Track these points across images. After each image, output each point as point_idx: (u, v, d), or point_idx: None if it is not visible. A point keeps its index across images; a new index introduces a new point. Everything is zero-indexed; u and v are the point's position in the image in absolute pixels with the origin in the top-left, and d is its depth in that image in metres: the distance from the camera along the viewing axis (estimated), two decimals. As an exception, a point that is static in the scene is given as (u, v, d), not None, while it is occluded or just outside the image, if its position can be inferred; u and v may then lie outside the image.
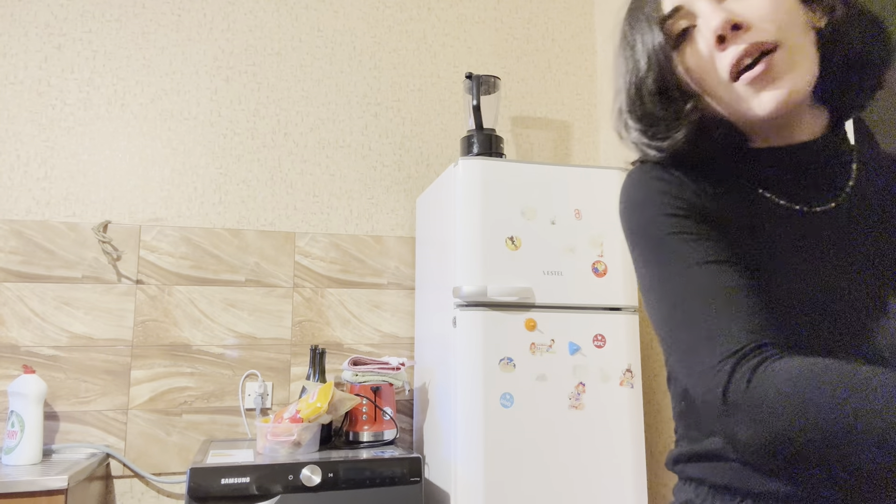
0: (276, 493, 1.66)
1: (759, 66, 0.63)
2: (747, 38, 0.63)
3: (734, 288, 0.60)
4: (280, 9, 2.44)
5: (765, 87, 0.63)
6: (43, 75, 2.18)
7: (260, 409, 2.18)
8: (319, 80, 2.45)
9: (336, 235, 2.37)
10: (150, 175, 2.24)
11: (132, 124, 2.24)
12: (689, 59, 0.67)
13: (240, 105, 2.35)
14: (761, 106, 0.63)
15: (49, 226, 2.12)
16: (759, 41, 0.62)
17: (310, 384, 2.01)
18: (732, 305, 0.59)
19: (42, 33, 2.20)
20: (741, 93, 0.64)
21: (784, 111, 0.63)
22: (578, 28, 2.80)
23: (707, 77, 0.66)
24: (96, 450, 2.01)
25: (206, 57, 2.34)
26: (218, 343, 2.20)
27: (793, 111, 0.66)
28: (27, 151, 2.14)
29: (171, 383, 2.14)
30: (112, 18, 2.27)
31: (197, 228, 2.25)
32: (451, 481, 1.78)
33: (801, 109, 0.68)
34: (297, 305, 2.29)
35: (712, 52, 0.65)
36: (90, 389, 2.08)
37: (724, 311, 0.59)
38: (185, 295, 2.20)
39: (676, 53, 0.68)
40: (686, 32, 0.67)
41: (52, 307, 2.08)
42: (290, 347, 2.27)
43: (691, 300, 0.60)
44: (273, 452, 1.80)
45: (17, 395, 1.84)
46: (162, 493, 2.09)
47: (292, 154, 2.38)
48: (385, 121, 2.49)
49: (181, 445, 2.12)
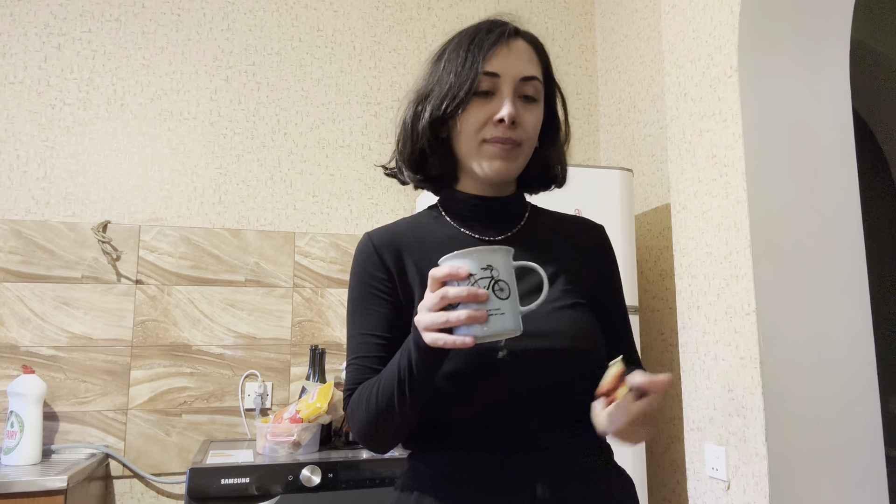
0: (276, 494, 1.66)
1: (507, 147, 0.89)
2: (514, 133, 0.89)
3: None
4: (280, 8, 2.44)
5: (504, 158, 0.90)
6: (42, 75, 2.18)
7: (260, 409, 2.18)
8: (319, 80, 2.45)
9: (336, 235, 2.37)
10: (149, 175, 2.24)
11: (132, 124, 2.24)
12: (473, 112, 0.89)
13: (239, 105, 2.35)
14: (493, 168, 0.90)
15: (48, 226, 2.12)
16: (517, 139, 0.89)
17: (310, 384, 2.01)
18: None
19: (42, 33, 2.20)
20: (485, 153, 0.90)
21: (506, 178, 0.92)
22: (578, 28, 2.80)
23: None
24: (96, 450, 2.01)
25: (206, 56, 2.34)
26: (218, 343, 2.20)
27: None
28: (27, 151, 2.14)
29: (170, 383, 2.14)
30: (111, 18, 2.27)
31: (196, 228, 2.24)
32: (451, 482, 1.78)
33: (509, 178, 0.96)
34: (296, 305, 2.29)
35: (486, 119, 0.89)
36: (90, 390, 2.07)
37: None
38: (184, 295, 2.20)
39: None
40: (485, 94, 0.89)
41: (52, 307, 2.08)
42: (289, 347, 2.26)
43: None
44: (273, 453, 1.80)
45: (16, 395, 1.83)
46: (161, 494, 2.09)
47: (292, 154, 2.38)
48: (385, 121, 2.49)
49: (181, 446, 2.12)
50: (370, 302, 0.89)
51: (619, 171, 2.04)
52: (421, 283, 0.89)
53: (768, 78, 1.53)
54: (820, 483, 1.40)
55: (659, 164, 2.30)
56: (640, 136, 2.44)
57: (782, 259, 1.47)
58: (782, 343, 1.44)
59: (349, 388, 0.89)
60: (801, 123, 1.53)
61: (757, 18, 1.53)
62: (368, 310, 0.89)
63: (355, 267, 0.93)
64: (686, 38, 1.72)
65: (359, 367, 0.88)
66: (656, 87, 2.35)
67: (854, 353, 1.47)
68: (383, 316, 0.89)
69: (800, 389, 1.43)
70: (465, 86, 0.87)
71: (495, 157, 0.89)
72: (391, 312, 0.89)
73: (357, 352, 0.89)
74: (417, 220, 0.97)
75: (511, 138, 0.88)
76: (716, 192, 1.57)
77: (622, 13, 2.61)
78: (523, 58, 0.91)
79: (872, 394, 1.47)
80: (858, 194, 1.53)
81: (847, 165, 1.54)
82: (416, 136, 0.93)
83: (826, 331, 1.46)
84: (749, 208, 1.47)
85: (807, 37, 1.56)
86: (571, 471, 0.83)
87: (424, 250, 0.92)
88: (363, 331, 0.89)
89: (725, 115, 1.55)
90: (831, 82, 1.57)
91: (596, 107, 2.76)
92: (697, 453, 1.61)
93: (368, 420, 0.83)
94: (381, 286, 0.90)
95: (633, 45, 2.52)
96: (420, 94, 0.94)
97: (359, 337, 0.89)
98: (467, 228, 0.94)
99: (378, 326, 0.88)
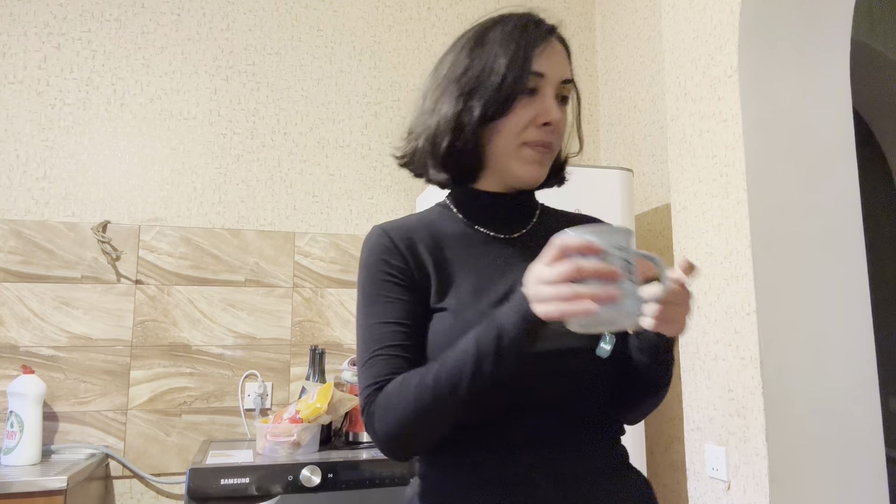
0: (276, 494, 1.66)
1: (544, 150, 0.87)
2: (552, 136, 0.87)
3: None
4: (280, 8, 2.44)
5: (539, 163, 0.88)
6: (42, 75, 2.18)
7: (259, 409, 2.18)
8: (319, 80, 2.44)
9: (336, 235, 2.37)
10: (149, 175, 2.24)
11: (131, 124, 2.24)
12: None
13: (239, 105, 2.35)
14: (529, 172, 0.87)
15: (48, 226, 2.12)
16: (555, 144, 0.89)
17: (309, 384, 2.01)
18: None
19: (41, 33, 2.20)
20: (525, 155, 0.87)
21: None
22: (578, 28, 2.79)
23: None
24: (95, 450, 2.01)
25: (206, 56, 2.34)
26: (217, 343, 2.20)
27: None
28: (26, 151, 2.14)
29: (170, 383, 2.14)
30: (111, 18, 2.27)
31: (196, 228, 2.24)
32: (451, 482, 1.78)
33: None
34: (296, 305, 2.29)
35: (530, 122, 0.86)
36: (89, 390, 2.07)
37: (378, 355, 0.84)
38: (184, 295, 2.19)
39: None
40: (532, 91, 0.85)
41: (52, 307, 2.08)
42: (289, 347, 2.26)
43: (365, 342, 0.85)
44: (273, 453, 1.79)
45: (16, 395, 1.83)
46: (161, 494, 2.09)
47: (292, 154, 2.38)
48: (385, 121, 2.49)
49: (180, 446, 2.12)
50: (388, 290, 0.84)
51: (620, 171, 2.04)
52: (437, 275, 0.85)
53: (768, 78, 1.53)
54: (820, 483, 1.40)
55: (659, 164, 2.30)
56: (640, 136, 2.44)
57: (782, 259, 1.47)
58: (782, 343, 1.44)
59: (376, 382, 0.80)
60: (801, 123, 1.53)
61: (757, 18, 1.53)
62: (388, 298, 0.84)
63: (368, 258, 0.87)
64: (686, 37, 1.72)
65: (387, 357, 0.81)
66: (656, 87, 2.35)
67: (854, 353, 1.47)
68: (403, 304, 0.83)
69: (800, 389, 1.43)
70: (519, 84, 0.83)
71: (533, 162, 0.86)
72: (410, 301, 0.84)
73: (380, 342, 0.82)
74: (427, 216, 0.93)
75: (551, 143, 0.86)
76: (716, 192, 1.57)
77: (622, 13, 2.61)
78: (563, 58, 0.88)
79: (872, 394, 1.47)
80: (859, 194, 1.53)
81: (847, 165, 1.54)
82: (460, 131, 0.86)
83: (826, 331, 1.46)
84: (749, 208, 1.47)
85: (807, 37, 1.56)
86: (588, 471, 0.81)
87: (438, 244, 0.88)
88: (384, 320, 0.83)
89: (725, 115, 1.55)
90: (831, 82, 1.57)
91: (596, 107, 2.75)
92: (698, 453, 1.61)
93: (415, 411, 0.75)
94: (400, 274, 0.85)
95: (633, 44, 2.52)
96: (466, 86, 0.86)
97: (378, 327, 0.83)
98: (480, 225, 0.91)
99: (400, 315, 0.83)
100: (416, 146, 0.92)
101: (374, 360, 0.82)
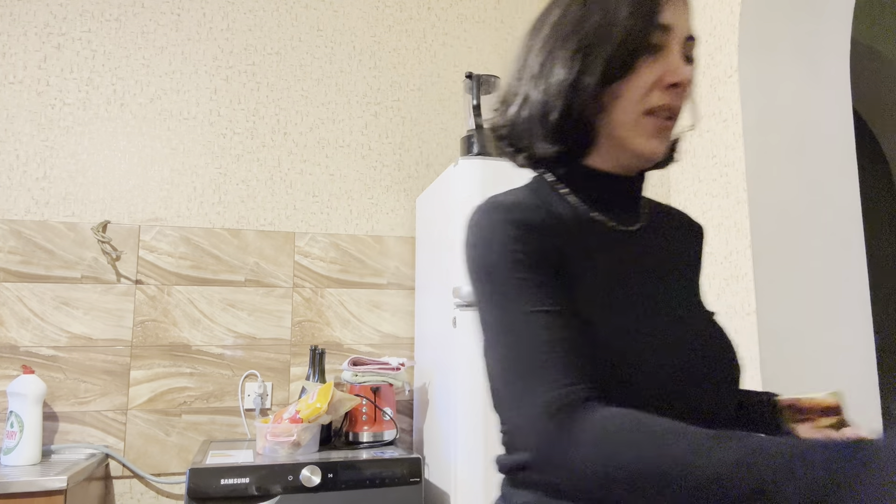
0: (276, 494, 1.66)
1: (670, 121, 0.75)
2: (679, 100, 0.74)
3: (559, 339, 0.64)
4: (280, 8, 2.44)
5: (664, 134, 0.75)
6: (42, 75, 2.18)
7: (259, 409, 2.18)
8: (319, 80, 2.44)
9: (336, 235, 2.37)
10: (149, 175, 2.24)
11: (131, 124, 2.24)
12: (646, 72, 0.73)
13: (239, 105, 2.35)
14: (650, 145, 0.74)
15: (48, 226, 2.12)
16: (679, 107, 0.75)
17: (309, 384, 2.01)
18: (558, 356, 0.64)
19: (41, 33, 2.20)
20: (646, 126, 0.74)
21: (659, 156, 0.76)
22: (578, 28, 2.79)
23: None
24: (95, 450, 2.01)
25: (206, 56, 2.34)
26: (217, 343, 2.20)
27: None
28: (26, 151, 2.14)
29: (170, 383, 2.14)
30: (111, 18, 2.27)
31: (196, 228, 2.24)
32: (451, 481, 1.78)
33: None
34: (296, 305, 2.29)
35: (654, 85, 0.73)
36: (89, 390, 2.07)
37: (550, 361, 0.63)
38: (184, 295, 2.19)
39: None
40: (657, 48, 0.73)
41: (52, 307, 2.08)
42: (289, 347, 2.26)
43: (523, 348, 0.64)
44: (273, 453, 1.79)
45: (16, 395, 1.83)
46: (161, 494, 2.09)
47: (292, 154, 2.38)
48: (385, 121, 2.49)
49: (180, 446, 2.12)
50: (541, 272, 0.67)
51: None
52: (579, 266, 0.71)
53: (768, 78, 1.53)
54: (820, 483, 1.40)
55: (659, 164, 2.30)
56: (640, 136, 2.44)
57: (782, 259, 1.47)
58: (782, 343, 1.44)
59: (592, 385, 0.62)
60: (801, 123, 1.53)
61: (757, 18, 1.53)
62: (545, 280, 0.67)
63: (499, 239, 0.68)
64: (686, 37, 1.72)
65: (576, 355, 0.63)
66: (656, 87, 2.34)
67: (854, 353, 1.47)
68: (560, 287, 0.67)
69: (800, 389, 1.43)
70: (644, 38, 0.70)
71: (654, 135, 0.73)
72: (563, 286, 0.68)
73: (559, 333, 0.63)
74: (541, 197, 0.77)
75: (678, 108, 0.74)
76: (716, 192, 1.57)
77: None
78: (689, 11, 0.75)
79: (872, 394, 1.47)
80: (859, 194, 1.53)
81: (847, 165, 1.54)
82: (577, 96, 0.72)
83: (826, 331, 1.46)
84: (749, 208, 1.47)
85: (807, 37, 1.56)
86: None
87: (565, 231, 0.73)
88: (549, 307, 0.65)
89: (725, 115, 1.55)
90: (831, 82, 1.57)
91: (596, 107, 2.75)
92: (697, 453, 1.60)
93: (648, 475, 0.54)
94: (550, 256, 0.69)
95: (633, 45, 2.52)
96: (583, 41, 0.72)
97: (544, 316, 0.64)
98: (598, 212, 0.78)
99: (563, 300, 0.66)
100: (517, 115, 0.78)
101: (564, 358, 0.63)
